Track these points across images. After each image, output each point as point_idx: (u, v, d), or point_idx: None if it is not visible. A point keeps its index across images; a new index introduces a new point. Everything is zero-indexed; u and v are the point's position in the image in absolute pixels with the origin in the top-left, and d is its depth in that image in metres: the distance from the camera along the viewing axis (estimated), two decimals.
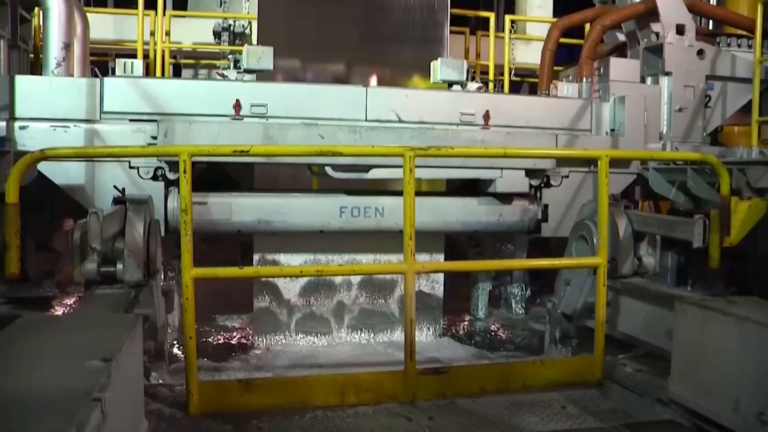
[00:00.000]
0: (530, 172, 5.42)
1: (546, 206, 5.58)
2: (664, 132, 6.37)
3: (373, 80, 6.79)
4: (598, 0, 7.82)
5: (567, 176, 5.65)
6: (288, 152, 4.40)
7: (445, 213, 5.30)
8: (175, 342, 5.20)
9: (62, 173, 4.82)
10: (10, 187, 3.44)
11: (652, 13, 6.60)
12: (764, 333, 3.07)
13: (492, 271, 6.47)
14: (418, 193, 3.98)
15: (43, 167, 4.66)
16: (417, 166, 3.86)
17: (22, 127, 4.85)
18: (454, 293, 6.67)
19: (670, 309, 3.88)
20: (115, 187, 4.57)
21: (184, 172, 3.57)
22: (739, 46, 6.96)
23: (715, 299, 3.77)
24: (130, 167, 4.90)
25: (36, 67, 7.27)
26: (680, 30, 6.47)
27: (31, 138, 4.85)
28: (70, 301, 6.47)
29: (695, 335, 3.51)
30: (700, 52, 6.53)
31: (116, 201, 4.29)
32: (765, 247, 5.21)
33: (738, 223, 4.77)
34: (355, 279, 5.52)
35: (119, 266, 3.95)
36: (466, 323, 6.38)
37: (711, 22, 7.47)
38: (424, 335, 5.66)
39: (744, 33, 7.13)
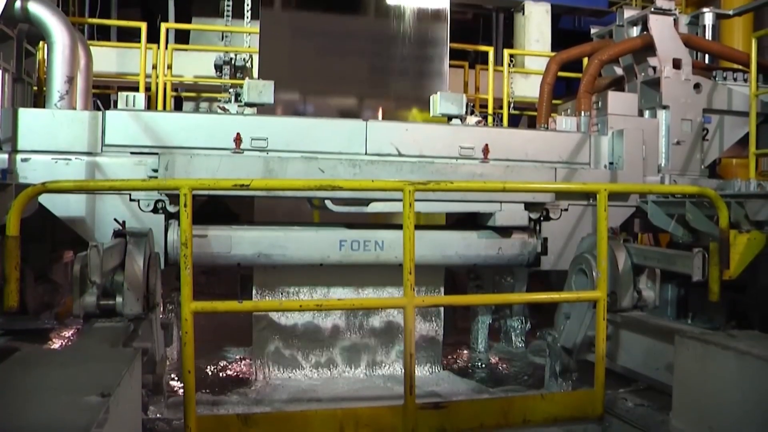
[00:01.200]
0: (529, 206, 5.44)
1: (545, 239, 5.58)
2: (663, 165, 6.41)
3: (374, 113, 6.84)
4: (595, 34, 7.92)
5: (566, 209, 5.67)
6: (288, 186, 4.42)
7: (445, 247, 5.30)
8: (173, 376, 5.17)
9: (63, 205, 4.83)
10: (11, 220, 3.45)
11: (648, 48, 6.68)
12: (765, 368, 3.06)
13: (492, 304, 6.46)
14: (418, 227, 3.99)
15: (44, 199, 4.67)
16: (417, 200, 3.87)
17: (24, 160, 4.87)
18: (453, 326, 6.65)
19: (670, 343, 3.86)
20: (115, 220, 4.58)
21: (185, 205, 3.59)
22: (735, 79, 7.04)
23: (715, 333, 3.77)
24: (131, 200, 4.91)
25: (39, 100, 7.34)
26: (677, 64, 6.54)
27: (32, 170, 4.86)
28: (68, 333, 6.44)
29: (696, 370, 3.50)
30: (697, 86, 6.60)
31: (116, 234, 4.30)
32: (765, 279, 5.21)
33: (737, 255, 4.77)
34: (355, 312, 5.51)
35: (119, 299, 3.94)
36: (465, 357, 6.34)
37: (707, 56, 7.55)
38: (423, 369, 5.63)
39: (739, 67, 7.21)
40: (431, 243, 5.21)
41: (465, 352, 6.46)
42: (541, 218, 5.60)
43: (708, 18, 7.67)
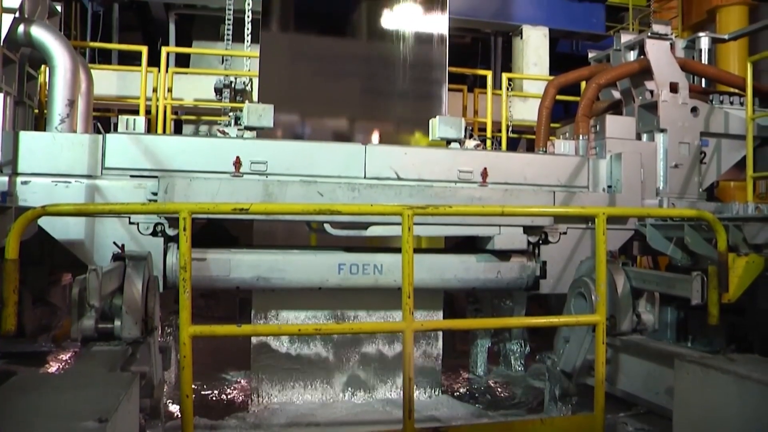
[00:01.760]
0: (528, 229, 5.45)
1: (544, 263, 5.58)
2: (661, 188, 6.43)
3: (373, 136, 6.87)
4: (593, 59, 7.98)
5: (565, 233, 5.67)
6: (287, 211, 4.43)
7: (444, 270, 5.31)
8: (170, 401, 5.14)
9: (62, 228, 4.83)
10: (10, 243, 3.45)
11: (646, 72, 6.73)
12: (766, 392, 3.05)
13: (491, 328, 6.44)
14: (417, 250, 3.99)
15: (43, 222, 4.68)
16: (415, 224, 3.87)
17: (24, 182, 4.89)
18: (453, 350, 6.63)
19: (670, 366, 3.85)
20: (114, 243, 4.58)
21: (184, 229, 3.59)
22: (731, 103, 7.07)
23: (715, 357, 3.75)
24: (130, 223, 4.92)
25: (40, 122, 7.37)
26: (674, 88, 6.58)
27: (32, 193, 4.88)
28: (65, 356, 6.42)
29: (696, 394, 3.49)
30: (694, 110, 6.64)
31: (115, 257, 4.30)
32: (764, 302, 5.22)
33: (736, 279, 4.78)
34: (354, 336, 5.49)
35: (117, 323, 3.94)
36: (465, 380, 6.32)
37: (703, 80, 7.61)
38: (422, 393, 5.61)
39: (735, 90, 7.26)
40: (430, 267, 5.22)
41: (464, 375, 6.44)
42: (540, 242, 5.61)
43: (704, 42, 7.73)
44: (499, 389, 6.07)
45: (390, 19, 6.98)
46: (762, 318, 5.40)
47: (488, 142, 8.33)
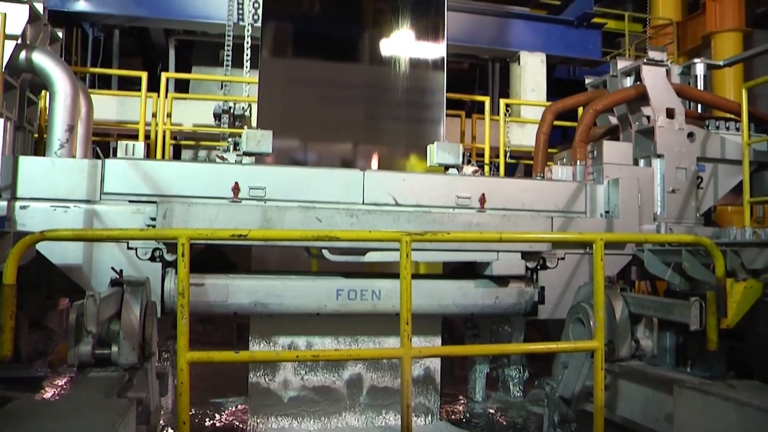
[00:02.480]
0: (526, 255, 5.46)
1: (542, 288, 5.57)
2: (658, 213, 6.45)
3: (371, 162, 6.89)
4: (590, 84, 8.04)
5: (563, 258, 5.68)
6: (285, 237, 4.43)
7: (442, 296, 5.30)
8: (167, 427, 5.10)
9: (60, 253, 4.83)
10: (8, 268, 3.45)
11: (642, 98, 6.78)
12: (767, 419, 3.04)
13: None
14: (415, 276, 3.99)
15: (41, 246, 4.67)
16: (414, 250, 3.88)
17: (23, 207, 4.89)
18: (451, 375, 6.59)
19: (669, 393, 3.84)
20: (113, 269, 4.58)
21: (182, 255, 3.59)
22: (727, 128, 7.13)
23: (714, 383, 3.74)
24: (128, 248, 4.92)
25: (40, 147, 7.40)
26: (670, 114, 6.63)
27: (31, 218, 4.88)
28: (61, 382, 6.38)
29: (696, 420, 3.48)
30: (690, 135, 6.68)
31: (113, 283, 4.30)
32: (763, 328, 5.20)
33: (734, 304, 4.77)
34: (352, 362, 5.47)
35: (114, 348, 3.92)
36: (463, 406, 6.28)
37: (699, 105, 7.67)
38: (421, 419, 5.57)
39: (731, 116, 7.31)
40: (428, 292, 5.22)
41: (463, 401, 6.40)
42: (538, 267, 5.61)
43: (699, 68, 7.81)
44: (497, 415, 6.04)
45: (388, 45, 7.03)
46: (762, 343, 5.38)
47: (486, 168, 8.36)
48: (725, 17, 13.37)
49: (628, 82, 7.22)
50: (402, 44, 7.02)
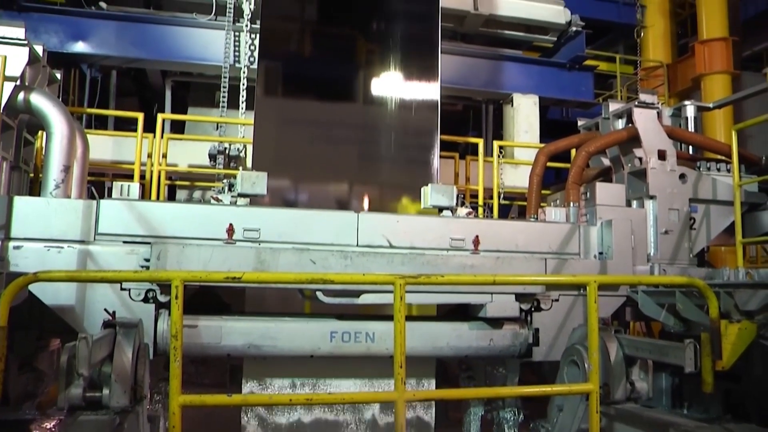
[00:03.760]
0: (520, 296, 5.44)
1: (537, 330, 5.55)
2: (652, 254, 6.46)
3: (365, 203, 6.92)
4: (582, 126, 8.13)
5: (557, 300, 5.67)
6: (279, 280, 4.43)
7: (436, 338, 5.28)
8: None
9: (52, 293, 4.80)
10: (0, 309, 3.43)
11: (634, 140, 6.85)
12: None
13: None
14: (409, 318, 3.98)
15: (34, 287, 4.64)
16: (408, 292, 3.88)
17: (17, 247, 4.87)
18: (445, 417, 6.52)
19: None
20: (105, 310, 4.56)
21: (176, 297, 3.59)
22: (718, 170, 7.19)
23: (711, 426, 3.73)
24: (122, 288, 4.89)
25: (35, 186, 7.41)
26: (662, 155, 6.70)
27: (24, 258, 4.86)
28: (50, 425, 6.27)
29: None
30: (682, 176, 6.74)
31: (106, 324, 4.27)
32: (759, 370, 5.19)
33: (729, 346, 4.76)
34: (346, 405, 5.42)
35: (105, 391, 3.90)
36: None
37: (690, 147, 7.75)
38: None
39: (722, 157, 7.39)
40: (422, 334, 5.20)
41: None
42: (532, 309, 5.59)
43: (690, 110, 7.91)
44: None
45: (383, 87, 7.12)
46: (758, 385, 5.36)
47: (480, 210, 8.40)
48: (714, 60, 13.63)
49: (620, 124, 7.31)
50: (396, 86, 7.11)
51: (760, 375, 5.25)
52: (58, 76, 6.82)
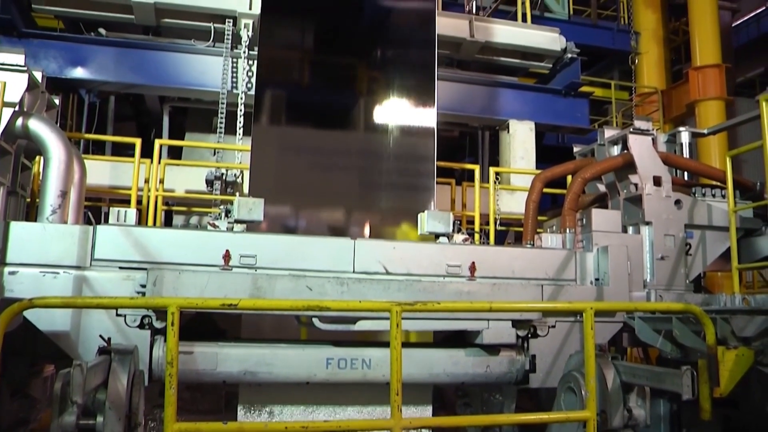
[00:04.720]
0: (517, 323, 5.44)
1: (533, 357, 5.54)
2: (648, 280, 6.46)
3: (362, 228, 6.92)
4: (578, 153, 8.17)
5: (554, 326, 5.67)
6: (275, 307, 4.43)
7: (432, 365, 5.27)
8: None
9: (47, 319, 4.78)
10: None
11: (629, 166, 6.87)
12: None
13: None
14: (405, 344, 3.98)
15: (28, 312, 4.62)
16: (404, 318, 3.88)
17: (12, 273, 4.86)
18: None
19: None
20: (101, 336, 4.54)
21: (172, 324, 3.58)
22: (713, 195, 7.21)
23: None
24: (117, 314, 4.88)
25: (32, 211, 7.40)
26: (657, 181, 6.72)
27: (19, 283, 4.86)
28: None
29: None
30: (678, 202, 6.75)
31: (101, 351, 4.25)
32: (757, 395, 5.17)
33: (727, 372, 4.75)
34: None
35: (99, 419, 3.86)
36: None
37: (685, 173, 7.79)
38: None
39: (717, 183, 7.43)
40: (419, 361, 5.18)
41: None
42: (529, 335, 5.59)
43: (684, 137, 7.96)
44: None
45: (380, 114, 7.15)
46: (756, 412, 5.33)
47: (476, 236, 8.41)
48: (708, 86, 13.75)
49: (616, 150, 7.34)
50: (393, 112, 7.14)
51: (758, 401, 5.23)
52: (57, 101, 6.84)
